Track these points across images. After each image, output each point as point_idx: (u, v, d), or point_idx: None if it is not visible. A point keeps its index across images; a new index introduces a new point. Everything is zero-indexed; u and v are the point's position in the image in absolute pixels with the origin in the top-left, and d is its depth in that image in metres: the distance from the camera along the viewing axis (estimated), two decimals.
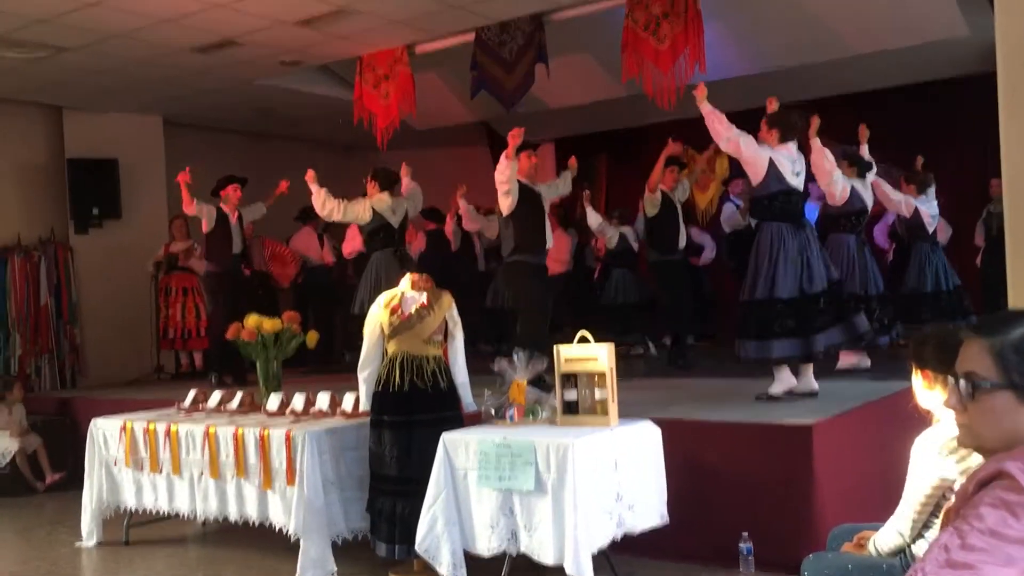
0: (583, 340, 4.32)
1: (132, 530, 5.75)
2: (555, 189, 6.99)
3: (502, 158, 6.32)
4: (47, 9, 6.85)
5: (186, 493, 5.29)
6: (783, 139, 5.56)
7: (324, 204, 7.06)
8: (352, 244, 9.07)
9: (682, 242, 7.99)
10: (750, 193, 5.62)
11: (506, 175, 6.27)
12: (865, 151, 7.12)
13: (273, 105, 10.21)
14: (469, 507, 4.17)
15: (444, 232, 10.16)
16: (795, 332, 5.36)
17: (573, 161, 7.19)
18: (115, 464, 5.64)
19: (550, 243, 6.67)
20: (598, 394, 4.26)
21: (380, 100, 8.26)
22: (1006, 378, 1.55)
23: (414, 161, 7.72)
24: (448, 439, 4.26)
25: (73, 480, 6.96)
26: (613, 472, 4.09)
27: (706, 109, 5.48)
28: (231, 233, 8.22)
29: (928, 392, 2.72)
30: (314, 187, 7.07)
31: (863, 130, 7.12)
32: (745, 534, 3.94)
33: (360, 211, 7.15)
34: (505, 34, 7.59)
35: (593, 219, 9.07)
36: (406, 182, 7.47)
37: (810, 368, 5.55)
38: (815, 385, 5.54)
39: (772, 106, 5.82)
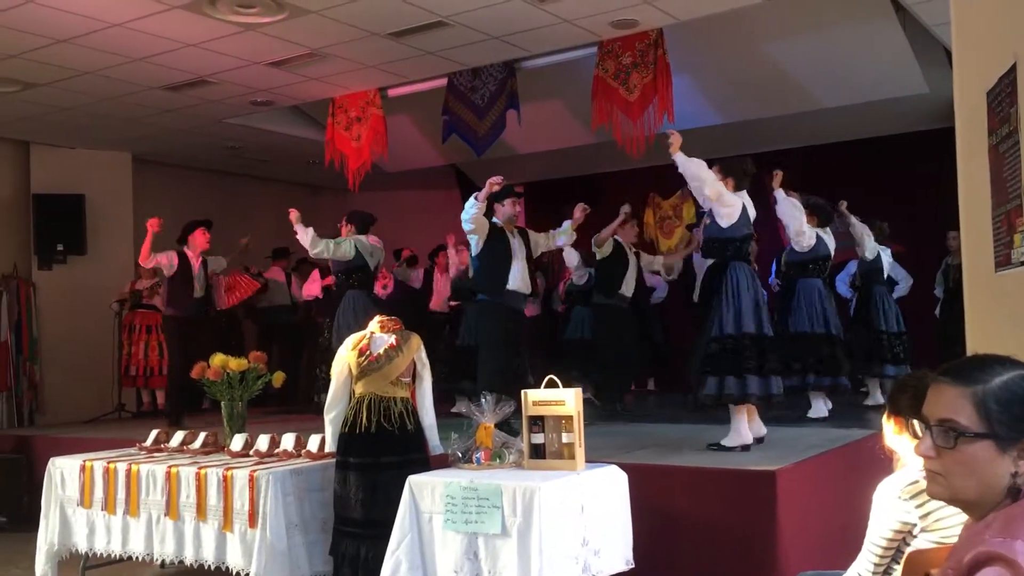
0: (551, 384, 4.34)
1: (89, 572, 5.61)
2: (543, 243, 6.88)
3: (471, 199, 6.28)
4: (16, 45, 6.84)
5: (142, 535, 5.17)
6: (738, 187, 5.62)
7: (314, 242, 7.16)
8: (312, 288, 9.09)
9: (629, 289, 7.74)
10: (715, 235, 5.64)
11: (472, 214, 6.23)
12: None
13: (243, 144, 10.21)
14: (433, 551, 4.12)
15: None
16: (760, 371, 5.35)
17: (580, 212, 6.74)
18: (70, 504, 5.53)
19: (519, 285, 6.51)
20: (565, 438, 4.26)
21: (352, 142, 8.30)
22: (988, 428, 1.52)
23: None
24: (414, 482, 4.23)
25: (29, 519, 6.79)
26: (579, 516, 4.08)
27: (681, 159, 5.37)
28: (192, 278, 8.11)
29: (897, 437, 2.75)
30: (299, 227, 7.16)
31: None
32: None
33: (347, 249, 7.34)
34: (477, 80, 7.69)
35: (572, 256, 9.05)
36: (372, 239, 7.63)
37: (755, 411, 5.51)
38: (764, 430, 5.53)
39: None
